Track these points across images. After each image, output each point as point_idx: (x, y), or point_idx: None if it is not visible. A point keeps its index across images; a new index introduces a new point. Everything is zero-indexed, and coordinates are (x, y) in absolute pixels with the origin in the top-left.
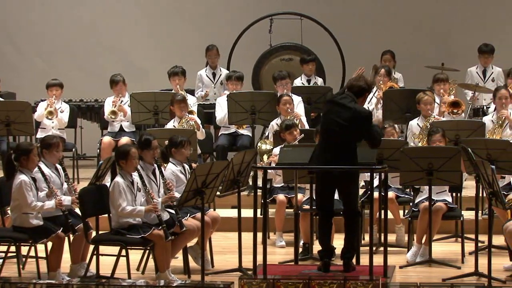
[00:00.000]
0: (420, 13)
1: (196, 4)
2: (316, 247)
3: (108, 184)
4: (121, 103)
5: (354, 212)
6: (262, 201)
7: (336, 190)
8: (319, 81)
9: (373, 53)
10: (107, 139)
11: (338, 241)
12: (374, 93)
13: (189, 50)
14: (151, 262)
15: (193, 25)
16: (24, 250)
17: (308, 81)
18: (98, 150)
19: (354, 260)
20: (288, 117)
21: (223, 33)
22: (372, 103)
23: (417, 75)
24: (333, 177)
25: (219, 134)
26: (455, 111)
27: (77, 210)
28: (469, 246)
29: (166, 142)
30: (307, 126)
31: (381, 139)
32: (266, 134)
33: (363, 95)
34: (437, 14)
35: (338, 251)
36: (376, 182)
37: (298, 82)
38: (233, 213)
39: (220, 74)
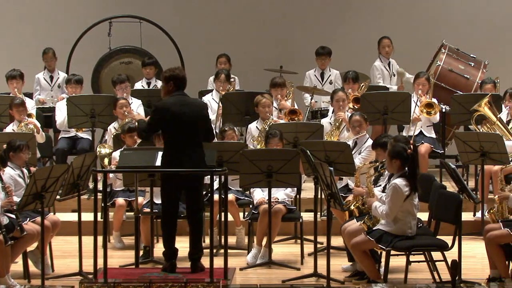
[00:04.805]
0: (258, 15)
1: (35, 6)
2: (157, 250)
3: None
4: None
5: (200, 213)
6: (102, 205)
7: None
8: (159, 84)
9: (213, 56)
10: None
11: (179, 244)
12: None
13: (28, 52)
14: None
15: (32, 27)
16: None
17: (148, 84)
18: None
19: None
20: (126, 120)
21: (62, 36)
22: (214, 110)
23: (256, 78)
24: (181, 178)
25: (59, 137)
26: (294, 118)
27: None
28: (308, 248)
29: (5, 146)
30: None
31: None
32: (105, 138)
33: (168, 82)
34: (276, 16)
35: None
36: (216, 185)
37: (138, 85)
38: (73, 217)
39: (58, 77)
